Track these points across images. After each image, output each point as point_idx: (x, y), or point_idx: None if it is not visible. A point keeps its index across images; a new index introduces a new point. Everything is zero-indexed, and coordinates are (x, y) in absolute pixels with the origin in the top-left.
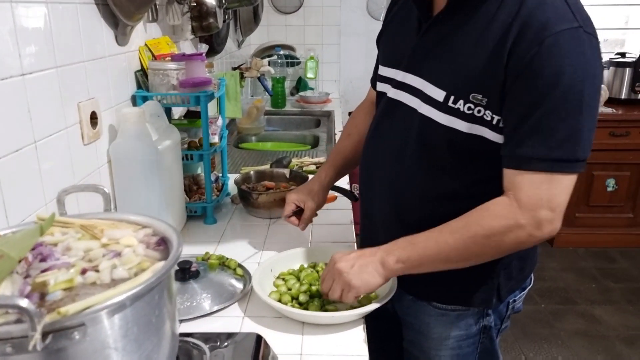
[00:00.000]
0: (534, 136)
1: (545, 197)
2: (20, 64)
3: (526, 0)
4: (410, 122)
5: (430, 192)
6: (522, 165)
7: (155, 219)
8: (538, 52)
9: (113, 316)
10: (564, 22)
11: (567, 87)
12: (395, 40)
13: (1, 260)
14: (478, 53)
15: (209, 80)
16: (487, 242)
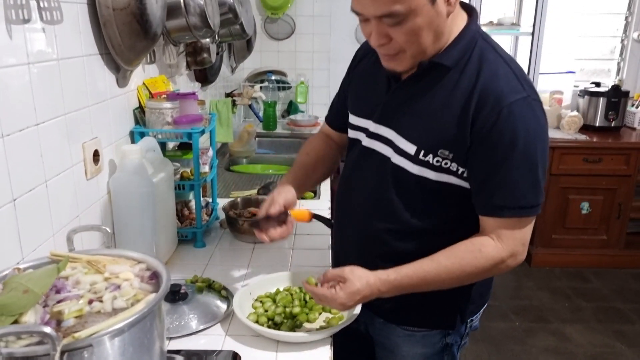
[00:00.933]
0: (503, 189)
1: (519, 237)
2: (35, 115)
3: (481, 73)
4: (384, 168)
5: (401, 229)
6: (497, 213)
7: (148, 256)
8: (496, 121)
9: (114, 339)
10: (515, 93)
11: (523, 148)
12: (366, 94)
13: (28, 295)
14: (445, 115)
15: (201, 117)
16: (477, 277)
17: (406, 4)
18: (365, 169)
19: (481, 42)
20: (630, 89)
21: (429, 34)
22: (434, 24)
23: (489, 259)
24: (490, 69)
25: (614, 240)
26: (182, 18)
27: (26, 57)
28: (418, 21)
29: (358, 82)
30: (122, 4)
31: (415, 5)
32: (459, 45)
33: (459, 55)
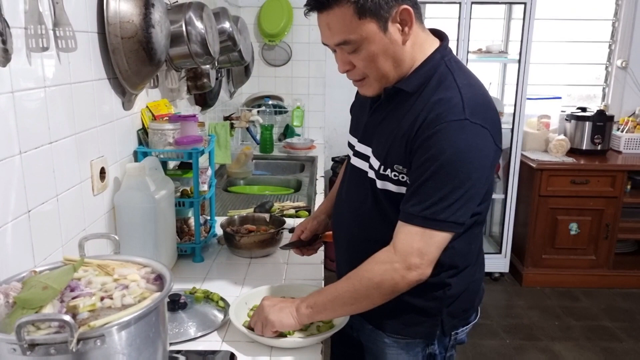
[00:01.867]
0: (415, 197)
1: (416, 246)
2: (49, 134)
3: (432, 97)
4: (363, 182)
5: (380, 239)
6: (404, 219)
7: (153, 260)
8: (430, 135)
9: (123, 330)
10: (453, 115)
11: (445, 164)
12: (357, 115)
13: (48, 290)
14: (398, 134)
15: (200, 138)
16: (370, 283)
17: (357, 33)
18: (350, 184)
19: (443, 69)
20: (615, 113)
21: (386, 60)
22: (390, 50)
23: (378, 262)
24: (440, 93)
25: (602, 261)
26: (184, 46)
27: (43, 82)
28: (372, 48)
29: (356, 104)
30: (130, 32)
31: (367, 34)
32: (420, 71)
33: (420, 82)
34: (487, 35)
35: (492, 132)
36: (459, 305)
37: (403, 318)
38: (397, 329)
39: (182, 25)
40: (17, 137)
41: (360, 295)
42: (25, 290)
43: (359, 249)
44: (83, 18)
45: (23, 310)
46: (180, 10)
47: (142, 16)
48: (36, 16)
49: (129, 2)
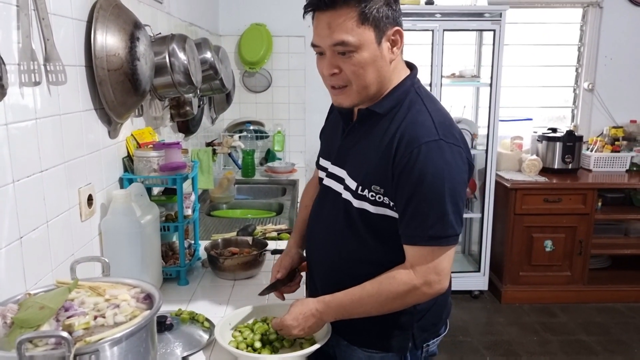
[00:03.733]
0: (414, 221)
1: (431, 265)
2: (40, 163)
3: (405, 120)
4: (337, 203)
5: (351, 258)
6: (411, 242)
7: (142, 281)
8: (409, 159)
9: (116, 346)
10: (428, 136)
11: (430, 184)
12: (329, 138)
13: (44, 310)
14: (375, 156)
15: (184, 164)
16: (395, 302)
17: (356, 37)
18: (324, 205)
19: (413, 95)
20: (584, 133)
21: (372, 71)
22: (378, 63)
23: (401, 284)
24: (412, 116)
25: (577, 276)
26: (168, 76)
27: (34, 114)
28: (365, 55)
29: (327, 129)
30: (116, 65)
31: (364, 40)
32: (393, 95)
33: (391, 105)
34: (460, 61)
35: (463, 149)
36: (428, 319)
37: (376, 332)
38: (371, 343)
39: (165, 56)
40: (10, 166)
41: (384, 309)
42: (22, 310)
43: (334, 267)
44: (71, 52)
45: (21, 329)
46: (163, 42)
47: (127, 49)
48: (29, 52)
49: (115, 36)
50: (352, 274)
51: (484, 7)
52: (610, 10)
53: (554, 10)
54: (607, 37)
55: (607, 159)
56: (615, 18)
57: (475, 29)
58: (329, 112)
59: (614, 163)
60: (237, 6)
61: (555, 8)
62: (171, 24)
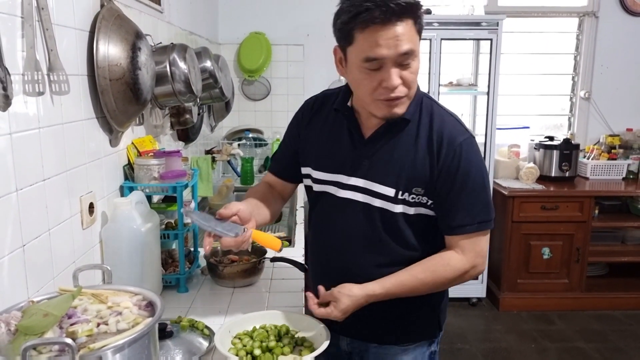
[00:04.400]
0: (463, 211)
1: (478, 249)
2: (42, 171)
3: (433, 123)
4: (370, 212)
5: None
6: (460, 231)
7: (144, 289)
8: (453, 157)
9: (119, 352)
10: (461, 134)
11: (475, 176)
12: (330, 151)
13: (48, 317)
14: (413, 160)
15: (184, 172)
16: (445, 286)
17: (416, 45)
18: (348, 216)
19: (426, 100)
20: (581, 141)
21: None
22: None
23: (455, 270)
24: (439, 119)
25: (575, 284)
26: (168, 85)
27: (38, 123)
28: (417, 62)
29: (317, 141)
30: (118, 75)
31: (418, 49)
32: (414, 101)
33: (414, 110)
34: (457, 69)
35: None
36: (444, 299)
37: (409, 326)
38: (405, 338)
39: (166, 66)
40: (14, 175)
41: (435, 289)
42: (26, 318)
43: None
44: (74, 62)
45: (25, 336)
46: (164, 51)
47: (129, 59)
48: (33, 63)
49: (117, 46)
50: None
51: (481, 16)
52: (605, 19)
53: (551, 19)
54: (603, 46)
55: (603, 166)
56: (610, 27)
57: (473, 38)
58: (304, 119)
59: (611, 171)
60: (236, 15)
61: (552, 17)
62: (172, 33)
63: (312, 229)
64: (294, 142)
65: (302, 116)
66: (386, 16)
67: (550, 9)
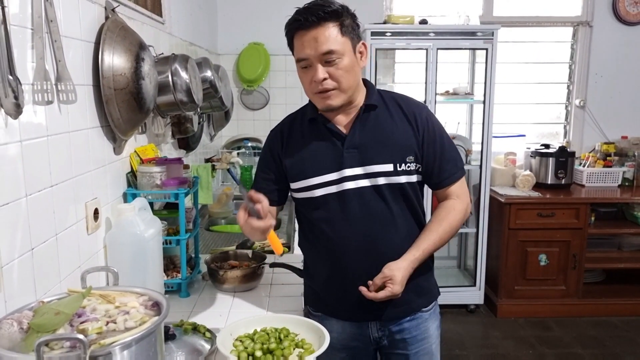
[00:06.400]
0: (449, 163)
1: (465, 190)
2: (50, 178)
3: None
4: (378, 193)
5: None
6: (452, 179)
7: (150, 290)
8: (427, 124)
9: (127, 349)
10: (423, 106)
11: (445, 135)
12: (319, 156)
13: (60, 315)
14: (399, 134)
15: (186, 180)
16: (459, 227)
17: (340, 46)
18: (360, 204)
19: (382, 91)
20: (577, 149)
21: (352, 75)
22: (355, 69)
23: (460, 212)
24: (401, 99)
25: (572, 290)
26: (170, 94)
27: (46, 131)
28: (346, 61)
29: (303, 153)
30: (122, 84)
31: (344, 49)
32: (372, 94)
33: (377, 99)
34: (453, 78)
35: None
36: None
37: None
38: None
39: (168, 75)
40: (23, 181)
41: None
42: (37, 316)
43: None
44: (80, 72)
45: (38, 334)
46: (166, 62)
47: (133, 69)
48: (42, 73)
49: (122, 57)
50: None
51: (476, 26)
52: (599, 29)
53: (545, 29)
54: (597, 55)
55: (599, 174)
56: (604, 36)
57: (468, 48)
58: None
59: (607, 178)
60: (235, 26)
61: (546, 27)
62: (172, 44)
63: (318, 234)
64: (277, 167)
65: (275, 144)
66: (307, 23)
67: (545, 19)
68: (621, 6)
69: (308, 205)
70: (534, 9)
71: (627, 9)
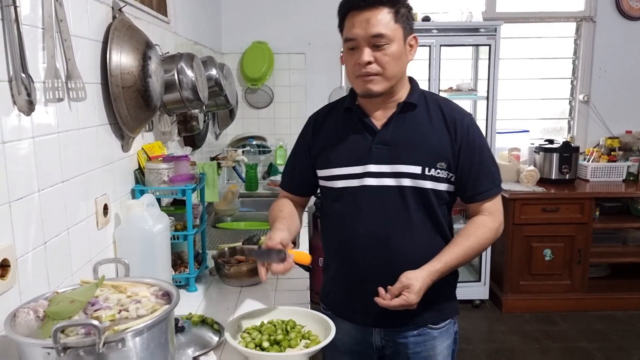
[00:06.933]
0: (486, 178)
1: (499, 208)
2: (61, 174)
3: (441, 106)
4: (401, 194)
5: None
6: (486, 195)
7: (160, 280)
8: (468, 133)
9: (139, 336)
10: (467, 114)
11: (486, 148)
12: (347, 147)
13: (75, 303)
14: (434, 138)
15: (193, 176)
16: (487, 245)
17: (391, 31)
18: (380, 202)
19: (425, 91)
20: (581, 144)
21: (399, 64)
22: (402, 59)
23: (491, 231)
24: (444, 103)
25: (577, 285)
26: (176, 92)
27: (57, 128)
28: (394, 48)
29: (333, 142)
30: (130, 82)
31: (395, 36)
32: (415, 93)
33: (418, 98)
34: (457, 75)
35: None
36: (457, 277)
37: (440, 306)
38: (443, 316)
39: (174, 74)
40: (36, 176)
41: (478, 253)
42: (53, 305)
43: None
44: (88, 70)
45: (54, 321)
46: (172, 60)
47: (140, 68)
48: (53, 71)
49: (129, 55)
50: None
51: (479, 22)
52: (603, 24)
53: (548, 25)
54: (600, 50)
55: (603, 168)
56: (608, 32)
57: (471, 44)
58: (314, 129)
59: (611, 173)
60: (239, 25)
61: (549, 23)
62: (177, 43)
63: (334, 226)
64: (305, 156)
65: (309, 130)
66: (362, 3)
67: (548, 15)
68: (624, 1)
69: (328, 195)
70: (536, 5)
71: (630, 4)
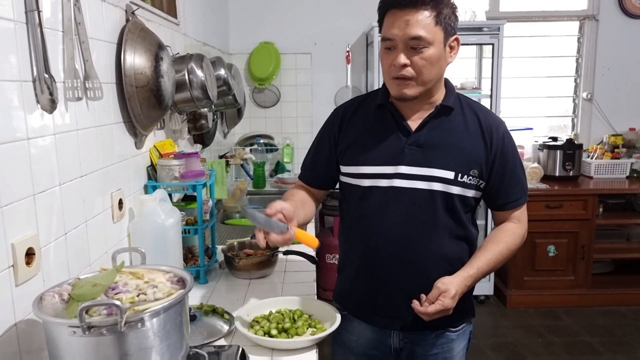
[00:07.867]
0: (516, 187)
1: (526, 216)
2: (80, 169)
3: (477, 112)
4: (430, 197)
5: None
6: (517, 204)
7: (174, 267)
8: (503, 141)
9: (157, 316)
10: (502, 122)
11: (518, 157)
12: (378, 145)
13: (97, 287)
14: (469, 145)
15: (203, 172)
16: (514, 252)
17: (430, 34)
18: (408, 204)
19: (460, 95)
20: (584, 142)
21: (436, 68)
22: (441, 63)
23: (518, 237)
24: (480, 109)
25: (581, 281)
26: (187, 91)
27: (76, 125)
28: (432, 51)
29: (361, 138)
30: (143, 82)
31: (434, 39)
32: (451, 96)
33: (454, 101)
34: (461, 73)
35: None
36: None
37: (463, 307)
38: (462, 318)
39: (185, 74)
40: (57, 171)
41: (507, 259)
42: (77, 288)
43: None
44: (104, 71)
45: (78, 303)
46: (183, 61)
47: (152, 68)
48: (72, 72)
49: (142, 56)
50: (460, 258)
51: (482, 22)
52: (605, 22)
53: (551, 23)
54: (603, 48)
55: (607, 165)
56: (611, 30)
57: (475, 43)
58: (341, 122)
59: (614, 170)
60: (246, 26)
61: (552, 22)
62: (187, 44)
63: (357, 226)
64: (329, 149)
65: (336, 122)
66: (403, 2)
67: (551, 14)
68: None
69: (352, 193)
70: (539, 4)
71: (633, 2)
